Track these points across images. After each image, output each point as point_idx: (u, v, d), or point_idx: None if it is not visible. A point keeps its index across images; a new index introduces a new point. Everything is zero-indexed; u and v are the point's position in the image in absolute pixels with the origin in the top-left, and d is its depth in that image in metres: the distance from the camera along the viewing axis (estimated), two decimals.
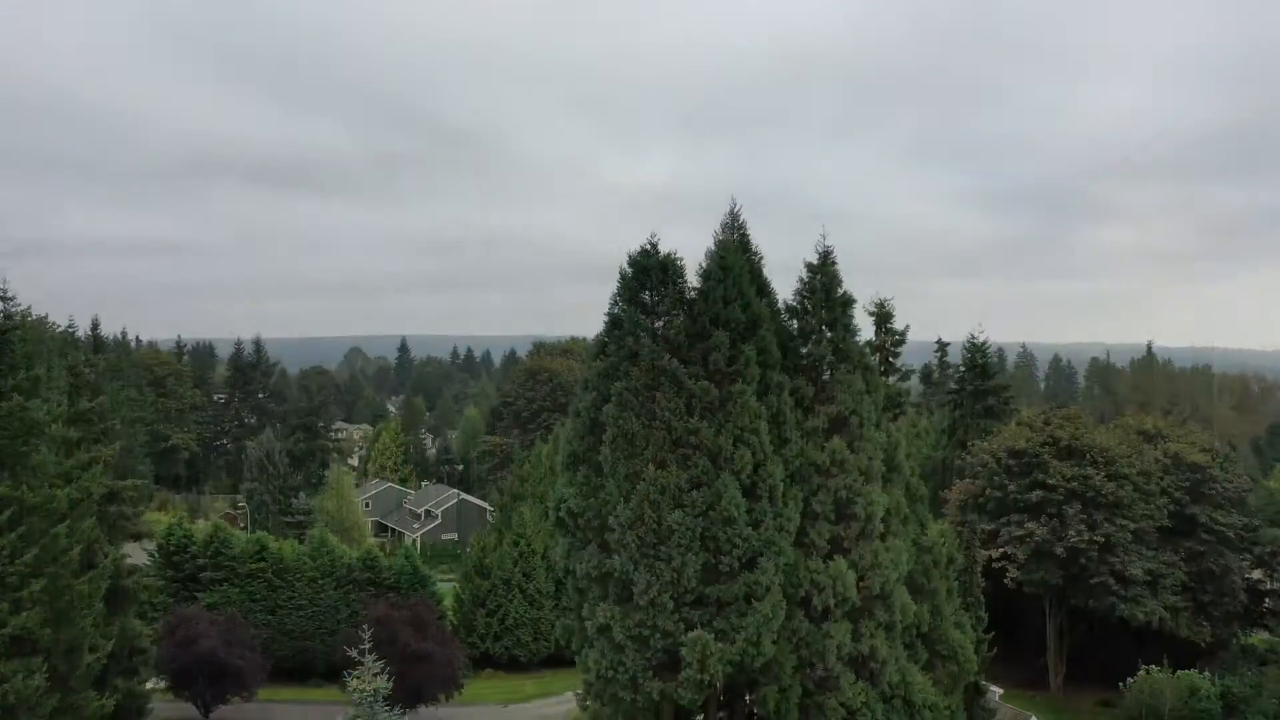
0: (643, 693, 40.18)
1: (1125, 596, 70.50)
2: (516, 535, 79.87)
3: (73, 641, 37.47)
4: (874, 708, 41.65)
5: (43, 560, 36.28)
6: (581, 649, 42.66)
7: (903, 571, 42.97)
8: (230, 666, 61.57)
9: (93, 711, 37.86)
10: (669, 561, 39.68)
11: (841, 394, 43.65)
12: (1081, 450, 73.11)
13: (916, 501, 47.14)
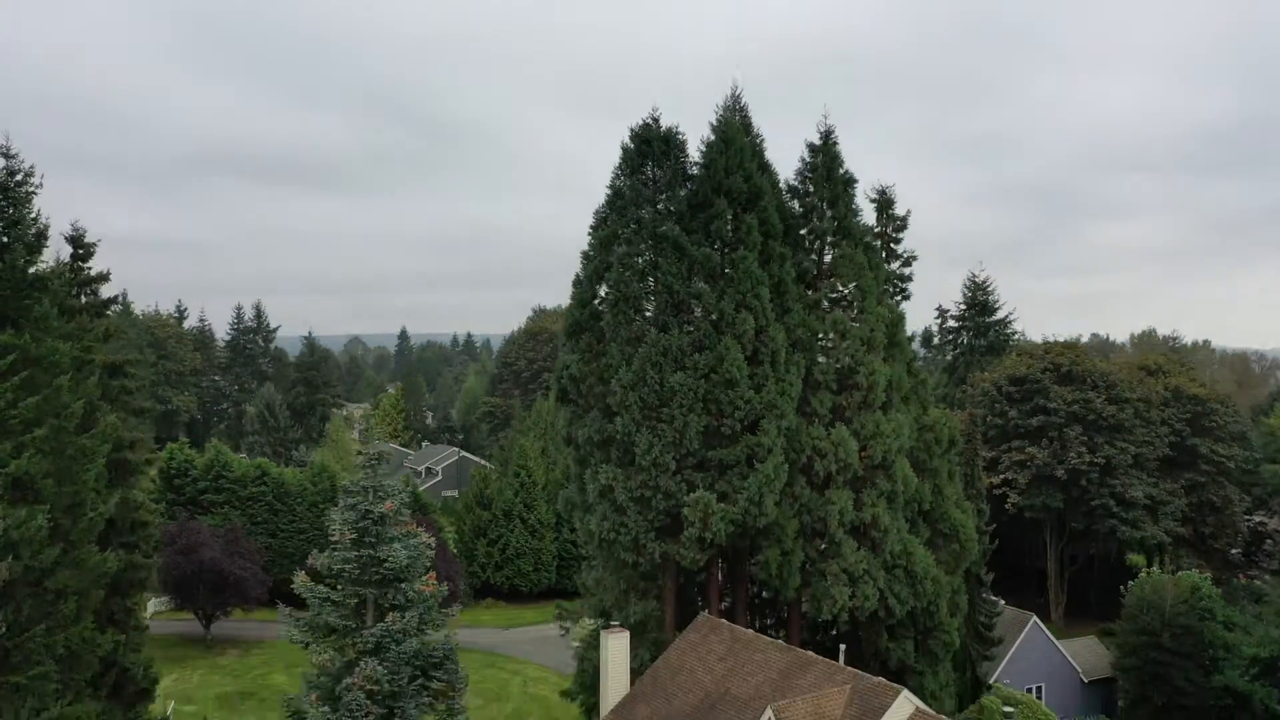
0: (645, 554, 40.16)
1: (1125, 519, 70.53)
2: (518, 467, 79.81)
3: (74, 496, 37.34)
4: (875, 575, 41.61)
5: (44, 410, 36.19)
6: (584, 517, 42.61)
7: (904, 443, 42.92)
8: (231, 576, 61.57)
9: (94, 566, 37.78)
10: (671, 422, 39.68)
11: (843, 267, 43.67)
12: (1082, 375, 73.14)
13: (919, 384, 47.07)
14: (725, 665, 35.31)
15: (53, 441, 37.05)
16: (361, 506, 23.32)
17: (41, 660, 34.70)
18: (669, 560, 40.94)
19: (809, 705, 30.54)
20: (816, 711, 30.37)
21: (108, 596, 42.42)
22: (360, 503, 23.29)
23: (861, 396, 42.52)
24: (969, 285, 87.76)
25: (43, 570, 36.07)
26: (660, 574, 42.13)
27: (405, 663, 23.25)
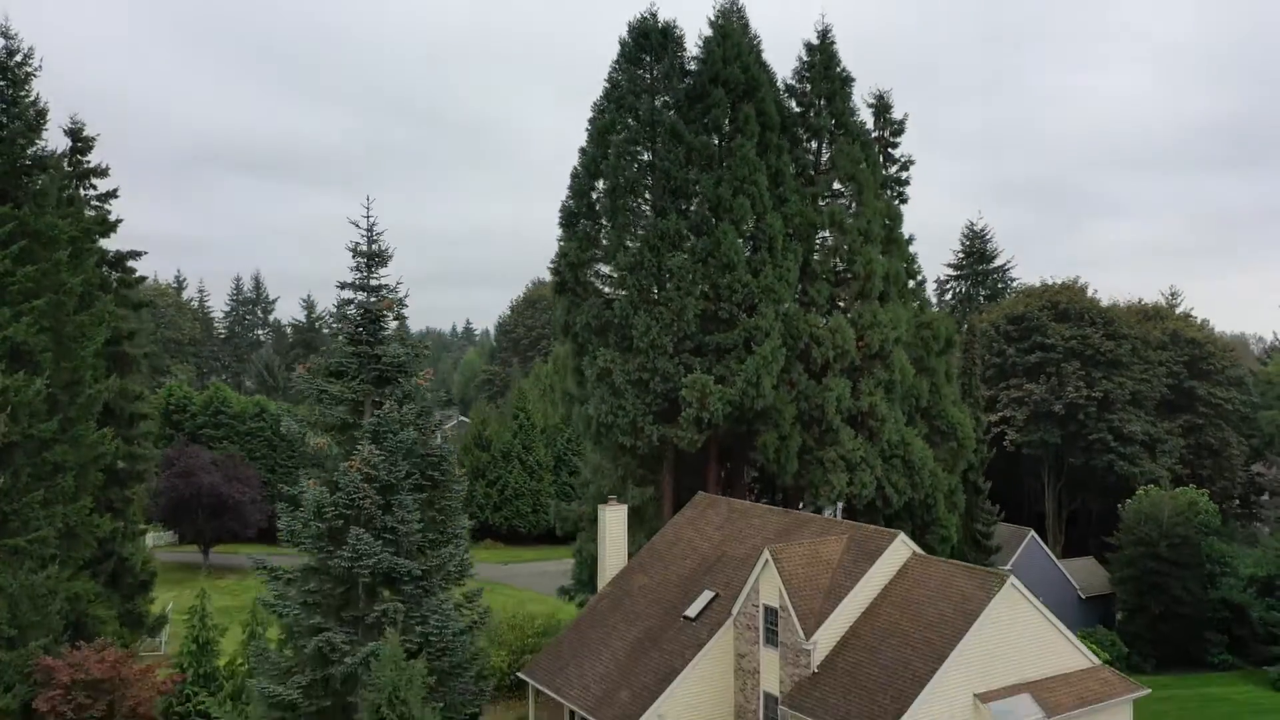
0: (643, 437, 40.23)
1: (1123, 454, 70.58)
2: (516, 409, 79.85)
3: (73, 374, 37.42)
4: (873, 464, 41.68)
5: (43, 284, 36.29)
6: (581, 408, 42.65)
7: (901, 334, 43.03)
8: (230, 500, 61.61)
9: (92, 443, 37.87)
10: (668, 304, 39.79)
11: (841, 161, 43.76)
12: (1080, 313, 73.22)
13: (919, 286, 47.20)
14: (722, 533, 35.38)
15: (51, 316, 37.11)
16: (355, 309, 23.34)
17: (40, 525, 34.70)
18: (667, 445, 41.00)
19: (805, 549, 30.61)
20: (813, 555, 30.44)
21: (106, 485, 42.51)
22: (354, 302, 23.31)
23: (859, 286, 42.63)
24: (967, 234, 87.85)
25: (41, 441, 36.12)
26: (658, 461, 42.18)
27: (403, 455, 23.28)
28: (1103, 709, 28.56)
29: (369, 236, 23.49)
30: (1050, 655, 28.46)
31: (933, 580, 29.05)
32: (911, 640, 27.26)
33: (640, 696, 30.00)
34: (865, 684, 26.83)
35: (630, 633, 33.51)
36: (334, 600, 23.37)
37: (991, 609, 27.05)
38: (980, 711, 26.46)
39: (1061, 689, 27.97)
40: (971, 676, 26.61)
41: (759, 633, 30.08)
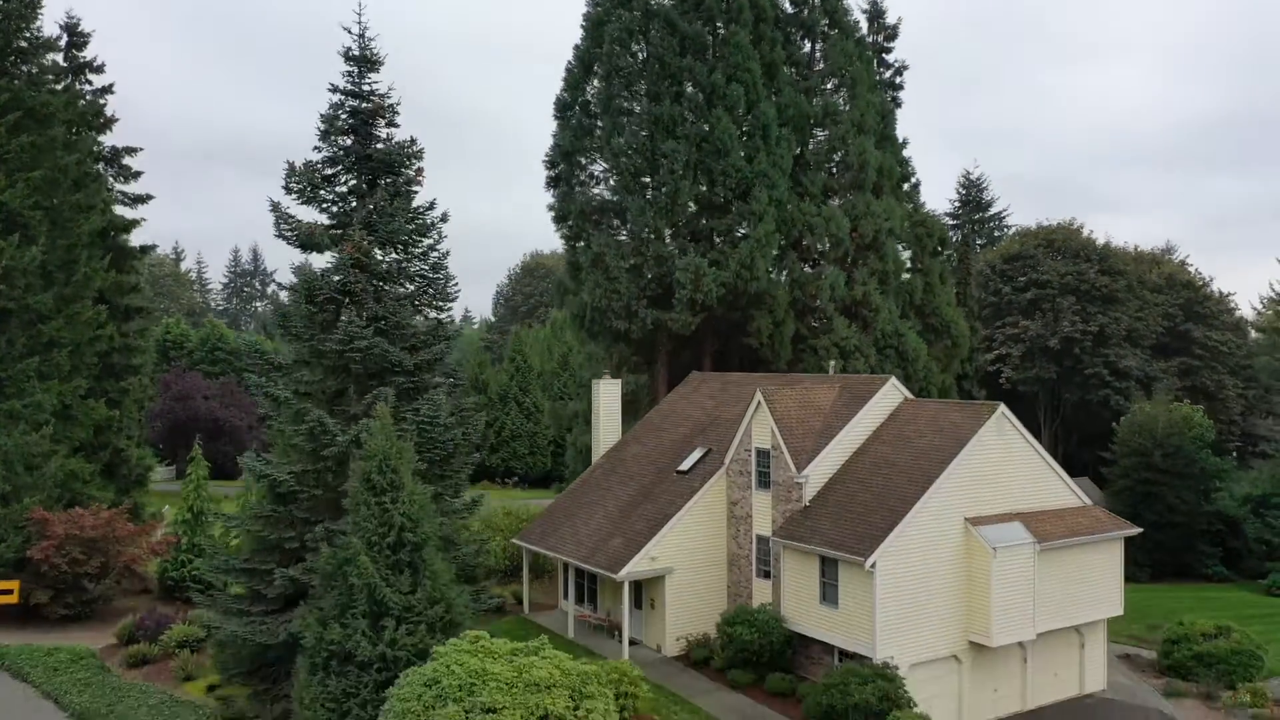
0: (637, 321, 40.29)
1: (1118, 389, 70.64)
2: (514, 352, 79.86)
3: (69, 253, 37.49)
4: (867, 353, 41.73)
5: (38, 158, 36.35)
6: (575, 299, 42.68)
7: (895, 225, 43.11)
8: (226, 424, 61.63)
9: (87, 320, 37.91)
10: (662, 188, 39.87)
11: (834, 55, 43.86)
12: (1076, 249, 73.31)
13: (913, 189, 47.29)
14: (715, 401, 35.45)
15: (46, 193, 37.17)
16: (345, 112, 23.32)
17: (34, 393, 34.76)
18: (661, 331, 41.05)
19: (798, 393, 30.68)
20: (805, 399, 30.51)
21: (101, 376, 42.59)
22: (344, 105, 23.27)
23: (852, 177, 42.72)
24: (963, 182, 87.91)
25: (36, 313, 36.20)
26: (652, 349, 42.23)
27: (394, 247, 23.34)
28: (1093, 542, 28.62)
29: (360, 41, 23.54)
30: (1042, 489, 28.52)
31: (924, 417, 29.12)
32: (902, 469, 27.32)
33: (632, 542, 30.05)
34: (856, 510, 26.89)
35: (624, 493, 33.56)
36: (326, 392, 23.41)
37: (982, 434, 27.11)
38: (971, 534, 26.51)
39: (1052, 521, 28.03)
40: (962, 501, 26.67)
41: (751, 477, 30.14)
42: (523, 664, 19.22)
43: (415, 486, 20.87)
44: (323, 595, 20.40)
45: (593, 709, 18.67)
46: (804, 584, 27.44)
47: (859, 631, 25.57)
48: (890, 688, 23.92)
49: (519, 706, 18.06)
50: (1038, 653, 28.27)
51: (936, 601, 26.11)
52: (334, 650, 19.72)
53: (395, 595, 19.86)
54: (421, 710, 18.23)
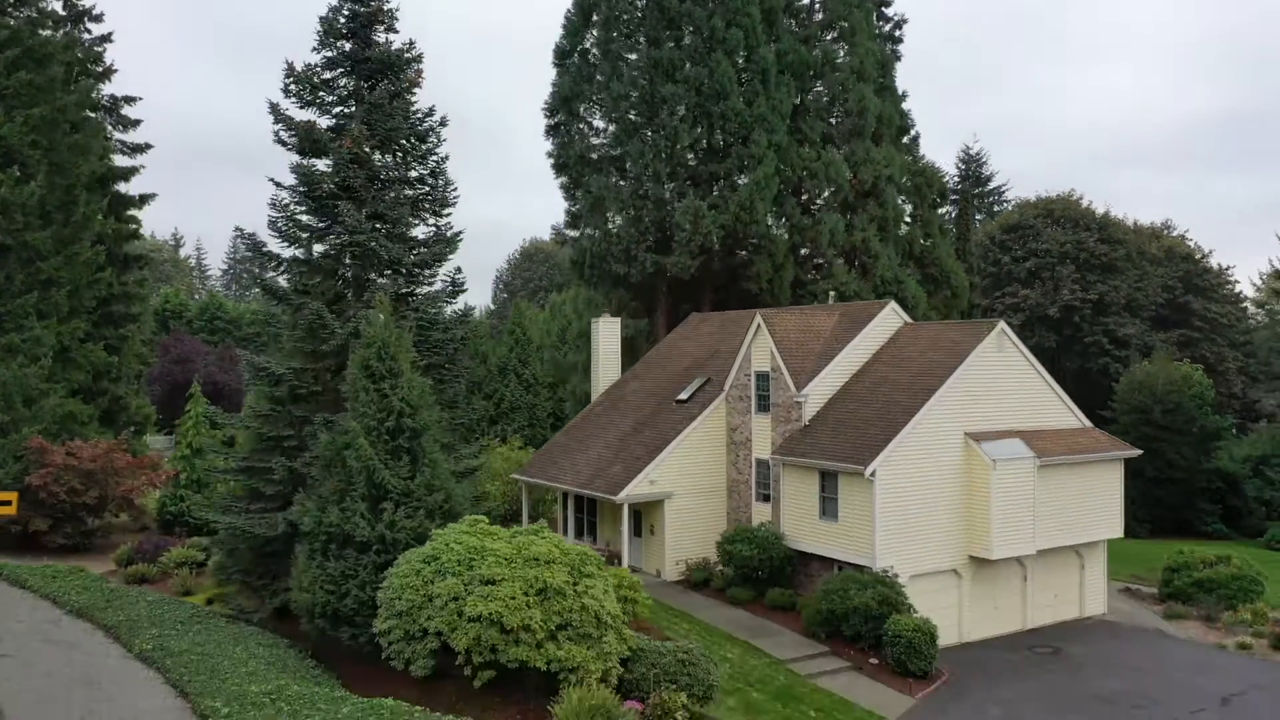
0: (636, 264, 40.26)
1: (1118, 357, 70.58)
2: (513, 324, 79.72)
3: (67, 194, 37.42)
4: (865, 298, 41.65)
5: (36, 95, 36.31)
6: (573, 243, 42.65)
7: (894, 173, 43.07)
8: (225, 388, 61.53)
9: (86, 261, 37.86)
10: (661, 131, 39.84)
11: (832, 3, 43.83)
12: (1076, 219, 73.28)
13: (913, 142, 47.26)
14: (715, 337, 35.41)
15: (45, 129, 37.12)
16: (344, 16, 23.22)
17: (32, 327, 34.71)
18: (660, 276, 41.01)
19: (797, 317, 30.66)
20: (805, 324, 30.48)
21: (100, 323, 42.58)
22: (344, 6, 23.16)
23: (852, 124, 42.69)
24: (962, 158, 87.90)
25: (34, 250, 36.16)
26: (651, 295, 42.20)
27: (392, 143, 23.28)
28: (1093, 461, 28.58)
29: None
30: (1042, 409, 28.47)
31: (924, 338, 29.09)
32: (902, 385, 27.28)
33: (632, 466, 30.00)
34: (855, 425, 26.85)
35: (623, 424, 33.52)
36: (325, 294, 23.33)
37: (982, 349, 27.08)
38: (971, 448, 26.47)
39: (1052, 439, 28.00)
40: (962, 416, 26.63)
41: (750, 402, 30.11)
42: (522, 542, 19.18)
43: (414, 376, 20.83)
44: (321, 482, 20.35)
45: (591, 586, 18.62)
46: (803, 500, 27.40)
47: (859, 543, 25.53)
48: (890, 592, 23.89)
49: (518, 579, 18.02)
50: (1038, 573, 28.24)
51: (936, 515, 26.07)
52: (333, 533, 19.67)
53: (394, 479, 19.82)
54: (421, 584, 18.19)
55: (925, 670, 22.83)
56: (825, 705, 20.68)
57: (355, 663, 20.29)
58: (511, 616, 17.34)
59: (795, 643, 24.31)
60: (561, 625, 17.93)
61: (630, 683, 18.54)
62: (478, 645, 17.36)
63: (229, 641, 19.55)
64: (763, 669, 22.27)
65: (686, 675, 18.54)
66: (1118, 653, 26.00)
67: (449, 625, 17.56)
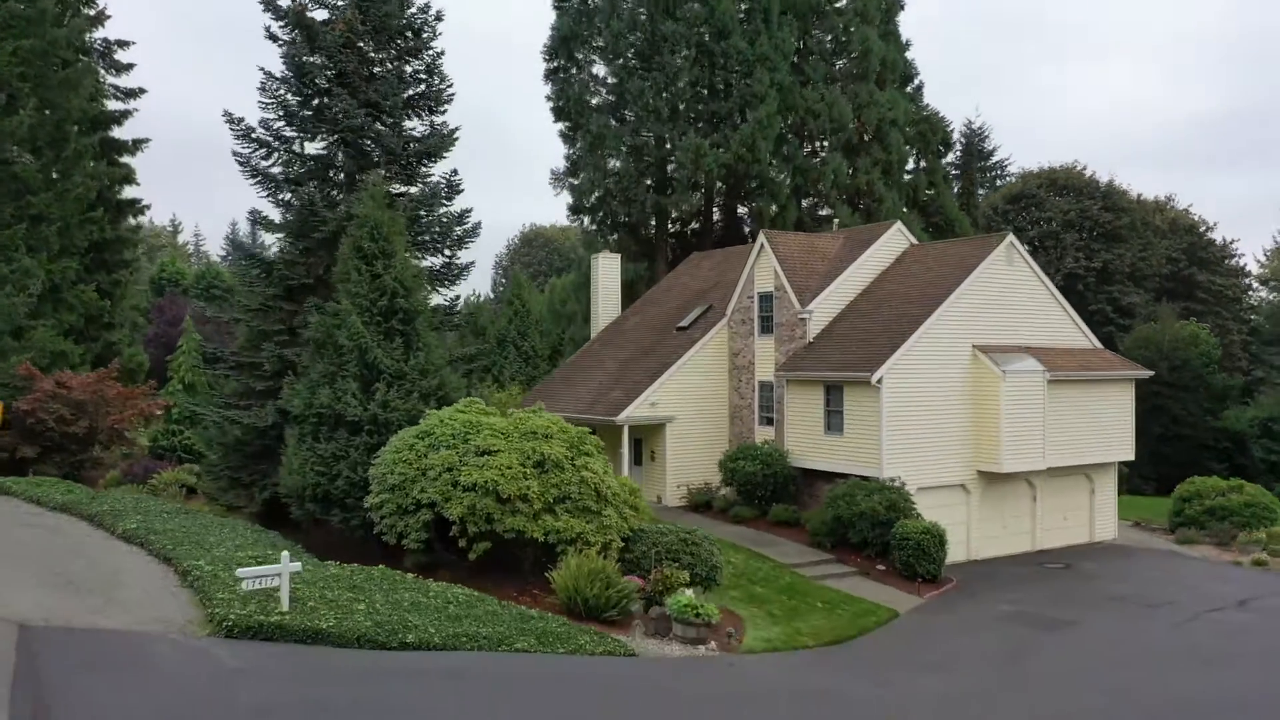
0: (635, 205, 39.67)
1: (1122, 326, 69.94)
2: (512, 296, 79.06)
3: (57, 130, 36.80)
4: None
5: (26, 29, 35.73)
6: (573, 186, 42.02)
7: (899, 117, 42.47)
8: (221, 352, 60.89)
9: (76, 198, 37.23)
10: (663, 69, 39.24)
11: None
12: (1079, 187, 72.69)
13: (916, 91, 46.64)
14: (717, 270, 34.80)
15: (35, 62, 36.50)
16: None
17: (20, 259, 34.11)
18: (662, 218, 40.44)
19: (801, 238, 30.07)
20: (809, 245, 29.88)
21: (93, 268, 41.99)
22: None
23: (855, 65, 42.09)
24: (965, 132, 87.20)
25: (24, 183, 35.56)
26: (653, 244, 41.61)
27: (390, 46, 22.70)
28: (1104, 379, 27.96)
29: None
30: (1052, 326, 27.86)
31: (931, 256, 28.49)
32: (909, 298, 26.67)
33: (632, 390, 29.36)
34: (861, 337, 26.23)
35: (622, 354, 32.91)
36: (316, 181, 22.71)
37: (991, 261, 26.47)
38: (979, 360, 25.84)
39: (1062, 357, 27.37)
40: (970, 328, 25.99)
41: (753, 324, 29.48)
42: (520, 417, 18.56)
43: (407, 258, 20.22)
44: (312, 365, 19.73)
45: (590, 463, 18.00)
46: (808, 416, 26.77)
47: (865, 454, 24.89)
48: (898, 497, 23.26)
49: (515, 451, 17.40)
50: (1047, 494, 27.60)
51: (944, 427, 25.43)
52: (324, 415, 19.05)
53: (387, 359, 19.20)
54: (414, 458, 17.57)
55: (934, 574, 22.19)
56: (832, 599, 20.05)
57: (347, 551, 19.65)
58: (508, 485, 16.72)
59: (800, 551, 23.67)
60: (560, 498, 17.32)
61: (631, 562, 17.92)
62: (473, 515, 16.74)
63: (217, 527, 18.91)
64: (767, 570, 21.64)
65: (689, 555, 17.92)
66: (1131, 568, 25.38)
67: (443, 495, 16.94)
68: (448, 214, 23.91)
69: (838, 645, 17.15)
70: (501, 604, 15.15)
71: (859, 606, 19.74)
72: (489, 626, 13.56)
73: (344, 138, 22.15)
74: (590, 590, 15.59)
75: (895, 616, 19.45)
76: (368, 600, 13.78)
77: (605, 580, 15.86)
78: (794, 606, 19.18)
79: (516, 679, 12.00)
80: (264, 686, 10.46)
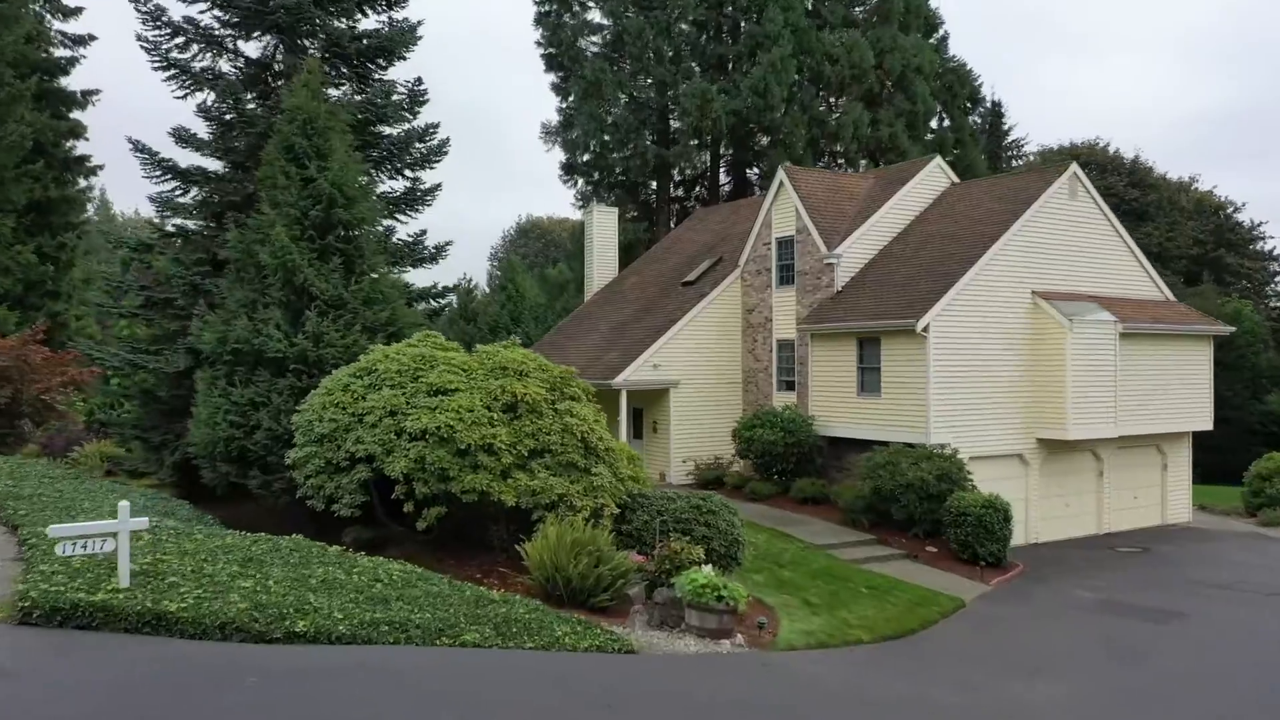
0: (636, 158, 35.77)
1: None
2: (506, 280, 75.14)
3: None
4: None
5: None
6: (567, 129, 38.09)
7: (923, 64, 38.57)
8: None
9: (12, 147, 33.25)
10: (665, 7, 35.35)
11: None
12: (1103, 163, 68.83)
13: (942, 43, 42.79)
14: (725, 224, 30.90)
15: None
16: None
17: None
18: (663, 175, 36.52)
19: (826, 176, 26.24)
20: (835, 184, 25.99)
21: (35, 231, 38.07)
22: None
23: (876, 8, 38.20)
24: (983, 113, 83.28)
25: None
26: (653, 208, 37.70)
27: None
28: (1181, 334, 24.04)
29: None
30: (1121, 273, 23.97)
31: (977, 192, 24.60)
32: (956, 237, 22.76)
33: (631, 351, 25.40)
34: (900, 283, 22.28)
35: (620, 315, 28.98)
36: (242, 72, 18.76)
37: (1053, 195, 22.59)
38: (1041, 309, 21.91)
39: (1133, 308, 23.46)
40: (1029, 271, 22.08)
41: (771, 274, 25.53)
42: (487, 351, 14.62)
43: (351, 161, 16.26)
44: (230, 293, 15.78)
45: (576, 408, 14.05)
46: (837, 376, 22.83)
47: (907, 418, 20.93)
48: (950, 466, 19.31)
49: (478, 390, 13.46)
50: (1115, 468, 23.66)
51: (999, 386, 21.51)
52: (241, 351, 15.10)
53: (321, 282, 15.24)
54: (349, 401, 13.62)
55: (998, 556, 18.25)
56: (879, 585, 16.10)
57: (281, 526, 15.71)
58: (468, 433, 12.78)
59: (832, 530, 19.74)
60: (536, 451, 13.38)
61: (630, 535, 14.00)
62: (421, 471, 12.79)
63: (104, 493, 14.96)
64: (795, 552, 17.69)
65: (704, 526, 13.97)
66: (1219, 552, 21.46)
67: (383, 446, 12.99)
68: (410, 130, 19.95)
69: (898, 640, 13.22)
70: (454, 584, 11.17)
71: (914, 593, 15.79)
72: (427, 612, 9.61)
73: (279, 25, 18.15)
74: (574, 567, 11.66)
75: (961, 606, 15.51)
76: (259, 576, 9.83)
77: (594, 555, 11.92)
78: (834, 592, 15.23)
79: (457, 682, 8.07)
80: (14, 705, 6.51)
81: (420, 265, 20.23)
